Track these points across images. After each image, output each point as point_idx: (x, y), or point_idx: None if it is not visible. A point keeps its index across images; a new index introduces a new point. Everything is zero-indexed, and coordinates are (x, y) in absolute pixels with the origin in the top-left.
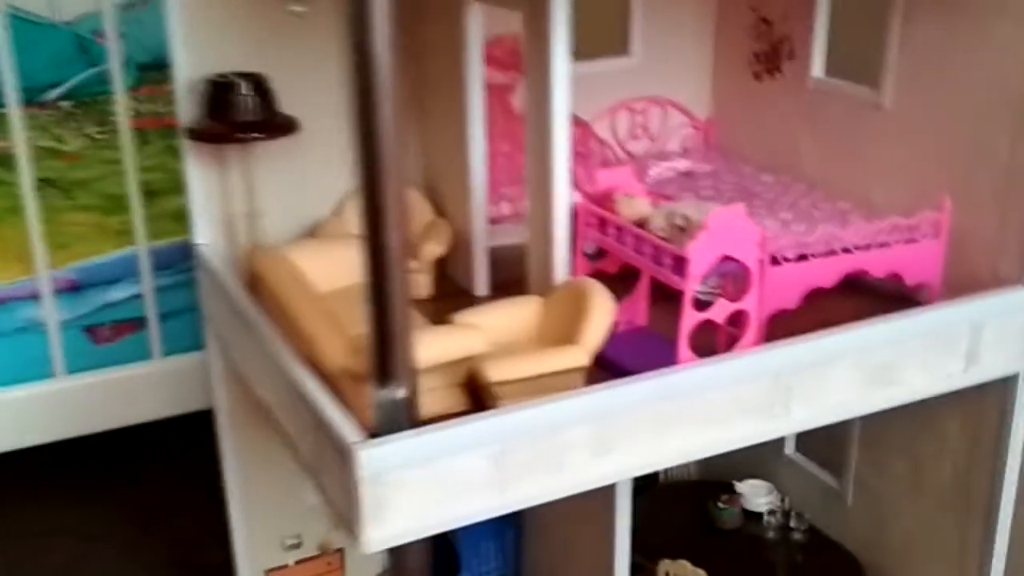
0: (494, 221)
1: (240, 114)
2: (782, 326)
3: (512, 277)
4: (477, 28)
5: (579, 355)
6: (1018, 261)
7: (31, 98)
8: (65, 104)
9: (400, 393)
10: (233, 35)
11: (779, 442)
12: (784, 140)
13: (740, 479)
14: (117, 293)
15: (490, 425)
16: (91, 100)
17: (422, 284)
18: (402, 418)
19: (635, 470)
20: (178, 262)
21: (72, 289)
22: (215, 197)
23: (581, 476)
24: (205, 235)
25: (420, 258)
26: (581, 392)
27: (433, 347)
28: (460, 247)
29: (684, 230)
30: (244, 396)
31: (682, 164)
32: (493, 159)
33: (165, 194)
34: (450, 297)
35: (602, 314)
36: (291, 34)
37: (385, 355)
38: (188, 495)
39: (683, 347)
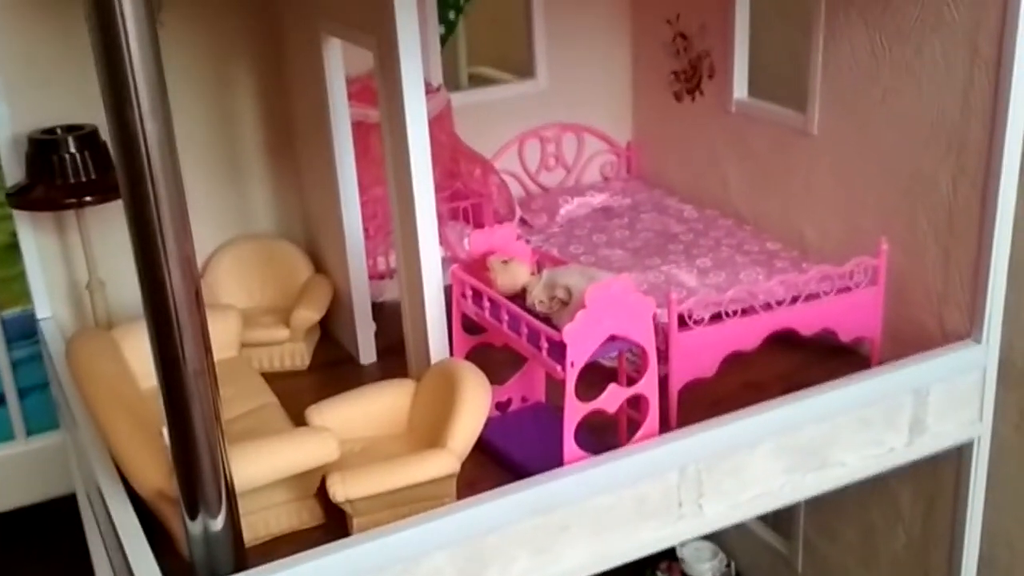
0: (383, 275)
1: (69, 175)
2: (698, 394)
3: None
4: (336, 62)
5: (446, 462)
6: (966, 310)
7: None
8: None
9: (217, 525)
10: (61, 82)
11: None
12: (710, 168)
13: None
14: None
15: (329, 562)
16: None
17: (297, 355)
18: (221, 553)
19: None
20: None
21: None
22: (56, 265)
23: None
24: (46, 308)
25: (292, 326)
26: (443, 512)
27: (273, 461)
28: (343, 307)
29: (566, 304)
30: None
31: (598, 199)
32: (383, 203)
33: None
34: (331, 367)
35: (474, 408)
36: None
37: (192, 484)
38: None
39: (568, 444)
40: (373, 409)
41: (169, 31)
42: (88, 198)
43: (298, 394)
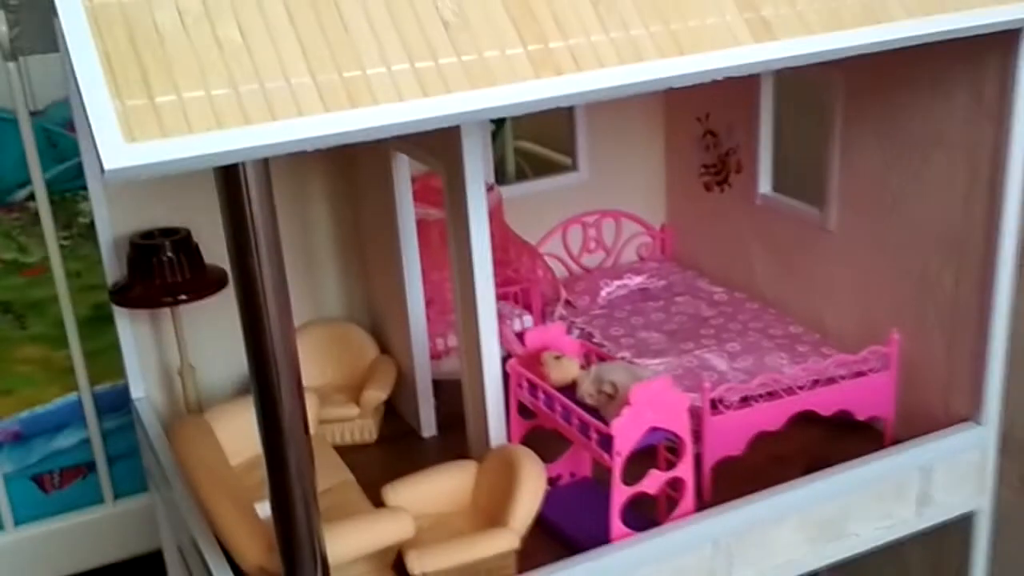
0: (441, 354)
1: (167, 275)
2: (730, 468)
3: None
4: (404, 173)
5: (508, 539)
6: (968, 396)
7: None
8: (33, 204)
9: None
10: (155, 188)
11: None
12: (737, 253)
13: None
14: (64, 440)
15: None
16: (59, 199)
17: (366, 430)
18: None
19: None
20: (126, 402)
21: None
22: (149, 350)
23: None
24: (140, 389)
25: (362, 404)
26: None
27: (360, 539)
28: (406, 384)
29: (612, 398)
30: None
31: (635, 281)
32: (438, 287)
33: None
34: (396, 440)
35: (532, 490)
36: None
37: (293, 559)
38: None
39: (615, 523)
40: (440, 488)
41: None
42: (183, 296)
43: (368, 466)
